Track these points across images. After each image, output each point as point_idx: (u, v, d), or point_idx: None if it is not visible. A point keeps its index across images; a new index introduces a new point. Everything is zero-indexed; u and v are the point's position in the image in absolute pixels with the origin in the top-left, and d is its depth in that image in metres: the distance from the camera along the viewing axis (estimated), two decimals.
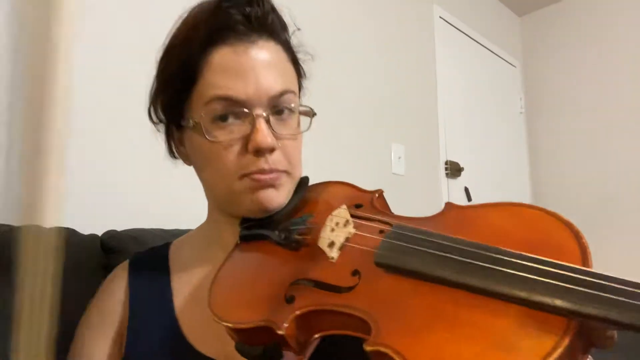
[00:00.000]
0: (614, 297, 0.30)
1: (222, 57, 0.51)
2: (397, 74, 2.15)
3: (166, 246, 0.66)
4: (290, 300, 0.42)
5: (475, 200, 2.37)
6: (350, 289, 0.41)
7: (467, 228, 0.42)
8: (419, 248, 0.40)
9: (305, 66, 0.61)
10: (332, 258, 0.45)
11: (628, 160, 2.55)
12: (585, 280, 0.32)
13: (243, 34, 0.52)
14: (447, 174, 2.31)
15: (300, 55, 0.60)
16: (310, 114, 0.58)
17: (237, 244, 0.55)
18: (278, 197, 0.54)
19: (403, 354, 0.32)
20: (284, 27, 0.57)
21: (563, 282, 0.32)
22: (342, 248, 0.46)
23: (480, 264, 0.36)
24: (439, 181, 2.28)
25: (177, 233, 0.76)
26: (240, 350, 0.44)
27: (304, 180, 0.59)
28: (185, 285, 0.59)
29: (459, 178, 2.37)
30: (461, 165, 2.36)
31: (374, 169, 1.95)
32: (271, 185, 0.53)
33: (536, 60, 3.01)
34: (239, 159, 0.51)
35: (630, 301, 0.29)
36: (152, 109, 0.59)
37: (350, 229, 0.48)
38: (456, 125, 2.42)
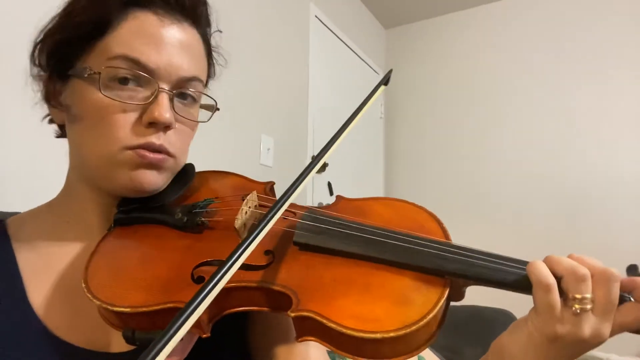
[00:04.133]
0: (476, 260, 0.42)
1: (144, 21, 0.49)
2: (272, 66, 2.17)
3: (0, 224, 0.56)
4: (199, 280, 0.43)
5: (336, 194, 2.52)
6: (264, 266, 0.44)
7: (361, 215, 0.50)
8: (332, 229, 0.47)
9: (216, 68, 0.61)
10: (242, 239, 0.48)
11: (467, 162, 2.98)
12: (456, 251, 0.43)
13: (172, 9, 0.51)
14: None
15: (215, 55, 0.60)
16: (213, 108, 0.58)
17: (112, 228, 0.52)
18: (157, 180, 0.51)
19: (325, 315, 0.38)
20: (208, 22, 0.57)
21: (442, 252, 0.43)
22: (251, 230, 0.48)
23: (381, 240, 0.45)
24: None
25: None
26: (130, 337, 0.42)
27: (189, 167, 0.58)
28: (37, 269, 0.51)
29: (323, 173, 2.50)
30: (326, 162, 2.49)
31: (242, 158, 1.95)
32: (155, 166, 0.50)
33: (397, 70, 3.32)
34: (131, 127, 0.49)
35: (487, 263, 0.42)
36: (37, 48, 0.52)
37: (257, 213, 0.51)
38: (324, 122, 2.54)
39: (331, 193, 2.53)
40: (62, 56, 0.50)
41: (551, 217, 2.65)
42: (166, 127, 0.50)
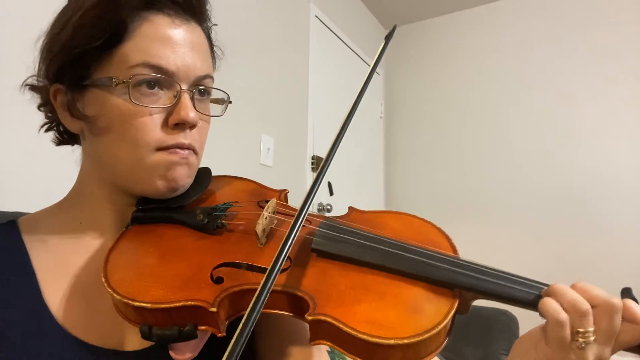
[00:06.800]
0: (485, 276, 0.44)
1: (159, 24, 0.50)
2: (272, 66, 2.17)
3: (12, 224, 0.56)
4: (218, 281, 0.44)
5: (336, 194, 2.52)
6: (282, 271, 0.45)
7: (374, 227, 0.52)
8: (350, 238, 0.48)
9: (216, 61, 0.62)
10: (261, 243, 0.49)
11: (466, 163, 2.98)
12: (467, 265, 0.45)
13: (180, 10, 0.52)
14: (312, 168, 2.42)
15: (215, 49, 0.61)
16: (224, 101, 0.59)
17: (129, 226, 0.53)
18: (188, 176, 0.53)
19: (341, 319, 0.40)
20: (209, 18, 0.58)
21: (454, 266, 0.45)
22: (269, 235, 0.50)
23: (396, 251, 0.46)
24: (305, 175, 2.37)
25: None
26: (147, 332, 0.43)
27: (206, 171, 0.60)
28: (52, 267, 0.52)
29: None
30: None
31: (242, 158, 1.94)
32: (185, 161, 0.52)
33: (397, 70, 3.32)
34: (160, 130, 0.50)
35: (496, 279, 0.44)
36: (45, 61, 0.52)
37: (274, 219, 0.52)
38: (323, 122, 2.54)
39: (331, 193, 2.53)
40: (78, 68, 0.50)
41: (551, 218, 2.65)
42: (192, 126, 0.52)
